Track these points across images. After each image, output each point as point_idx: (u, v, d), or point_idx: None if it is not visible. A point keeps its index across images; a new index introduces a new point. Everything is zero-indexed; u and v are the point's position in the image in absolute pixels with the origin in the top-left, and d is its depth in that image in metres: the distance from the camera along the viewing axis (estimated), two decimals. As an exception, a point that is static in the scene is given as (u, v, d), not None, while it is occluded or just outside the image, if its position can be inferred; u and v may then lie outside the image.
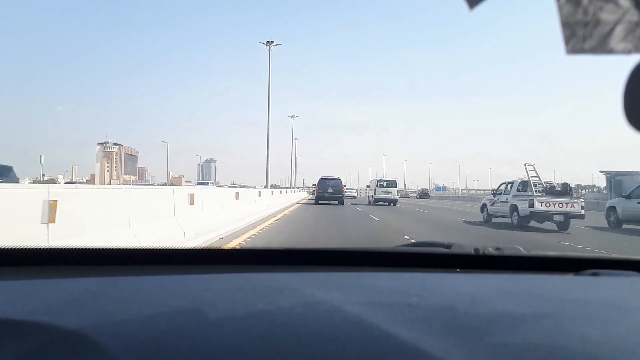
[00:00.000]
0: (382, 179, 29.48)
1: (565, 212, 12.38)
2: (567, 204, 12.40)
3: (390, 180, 29.17)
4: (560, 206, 12.39)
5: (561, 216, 12.36)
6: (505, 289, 0.84)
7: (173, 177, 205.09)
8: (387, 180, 29.19)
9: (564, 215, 12.36)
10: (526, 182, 13.46)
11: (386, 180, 29.19)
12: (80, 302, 0.68)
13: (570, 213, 12.41)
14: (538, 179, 13.38)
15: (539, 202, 12.36)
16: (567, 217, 12.40)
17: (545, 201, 12.39)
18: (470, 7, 0.56)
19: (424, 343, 0.54)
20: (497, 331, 0.61)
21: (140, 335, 0.56)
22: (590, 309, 0.73)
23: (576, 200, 12.59)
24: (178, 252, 1.01)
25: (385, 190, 28.07)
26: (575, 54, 0.57)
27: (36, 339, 0.55)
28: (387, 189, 28.23)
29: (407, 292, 0.78)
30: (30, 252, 0.89)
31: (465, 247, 1.07)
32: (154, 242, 5.34)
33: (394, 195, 28.13)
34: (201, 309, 0.66)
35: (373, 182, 30.36)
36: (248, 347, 0.54)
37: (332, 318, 0.63)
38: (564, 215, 12.37)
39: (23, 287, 0.75)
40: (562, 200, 12.48)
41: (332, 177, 26.84)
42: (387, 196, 27.96)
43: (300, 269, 0.95)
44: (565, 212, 12.39)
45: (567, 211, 12.39)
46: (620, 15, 0.55)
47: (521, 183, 13.79)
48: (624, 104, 0.57)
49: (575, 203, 12.47)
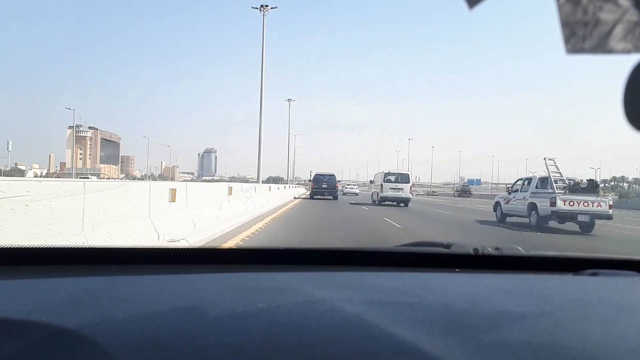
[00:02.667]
0: (390, 171, 22.02)
1: (591, 212, 11.04)
2: (593, 203, 11.06)
3: (401, 173, 22.17)
4: (585, 205, 11.04)
5: (587, 216, 11.01)
6: (505, 288, 0.83)
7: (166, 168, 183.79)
8: (397, 174, 21.90)
9: (590, 215, 11.03)
10: (546, 178, 12.04)
11: (395, 174, 21.86)
12: (80, 302, 0.68)
13: (597, 213, 11.08)
14: (559, 174, 11.88)
15: (562, 200, 11.08)
16: (593, 217, 11.09)
17: (569, 199, 11.08)
18: (470, 7, 0.56)
19: (423, 343, 0.54)
20: (496, 331, 0.61)
21: (140, 335, 0.56)
22: (589, 309, 0.72)
23: (603, 199, 11.30)
24: (178, 251, 1.01)
25: (394, 187, 21.14)
26: (575, 54, 0.56)
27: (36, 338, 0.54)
28: (396, 184, 21.22)
29: (407, 291, 0.78)
30: (30, 251, 0.89)
31: (465, 247, 1.06)
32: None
33: (405, 193, 21.23)
34: (201, 308, 0.66)
35: (379, 176, 22.95)
36: (248, 346, 0.54)
37: (332, 318, 0.63)
38: (590, 215, 11.04)
39: (23, 286, 0.75)
40: (588, 198, 11.12)
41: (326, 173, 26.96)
42: (397, 194, 21.17)
43: (300, 268, 0.95)
44: (592, 211, 11.05)
45: (594, 210, 11.05)
46: (620, 15, 0.54)
47: (540, 179, 12.38)
48: (624, 104, 0.56)
49: (602, 202, 11.15)
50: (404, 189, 21.27)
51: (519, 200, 12.81)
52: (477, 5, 0.55)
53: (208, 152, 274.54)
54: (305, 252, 1.04)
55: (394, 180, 21.48)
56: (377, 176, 23.94)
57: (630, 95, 0.56)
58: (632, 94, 0.56)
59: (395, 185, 21.26)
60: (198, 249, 1.10)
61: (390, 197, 21.29)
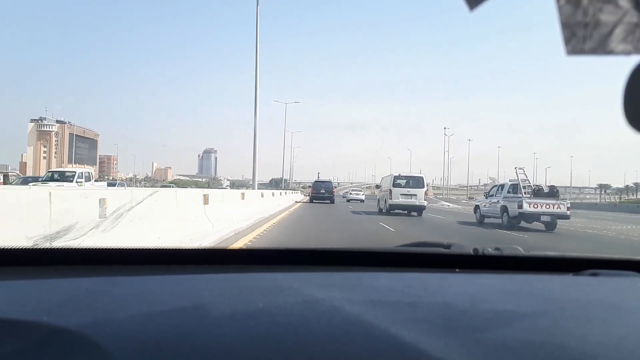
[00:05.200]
0: (400, 174, 18.16)
1: (552, 213, 13.03)
2: (553, 205, 13.05)
3: (413, 176, 18.37)
4: (547, 207, 13.01)
5: (548, 217, 13.00)
6: (505, 289, 0.83)
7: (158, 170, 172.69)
8: (408, 177, 18.12)
9: (550, 216, 13.01)
10: (516, 184, 14.05)
11: (406, 177, 18.06)
12: (81, 302, 0.67)
13: (557, 214, 13.06)
14: (527, 181, 14.16)
15: (527, 203, 12.96)
16: (554, 217, 13.05)
17: (533, 202, 13.07)
18: (471, 8, 0.55)
19: (423, 343, 0.53)
20: (496, 331, 0.60)
21: (141, 335, 0.56)
22: (589, 309, 0.72)
23: (562, 202, 13.26)
24: (178, 251, 1.00)
25: (405, 192, 17.37)
26: (575, 55, 0.57)
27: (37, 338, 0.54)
28: (407, 189, 17.46)
29: (407, 292, 0.77)
30: (30, 252, 0.88)
31: (465, 247, 1.06)
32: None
33: (418, 200, 17.39)
34: (201, 308, 0.65)
35: (386, 179, 19.31)
36: (248, 346, 0.53)
37: (332, 318, 0.62)
38: (551, 216, 13.02)
39: (23, 286, 0.74)
40: (550, 201, 13.12)
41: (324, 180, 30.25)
42: (409, 201, 17.34)
43: (300, 268, 0.94)
44: (553, 213, 13.03)
45: (554, 212, 13.04)
46: (620, 16, 0.54)
47: (512, 185, 14.40)
48: (624, 104, 0.57)
49: (561, 204, 13.14)
50: (417, 194, 17.40)
51: (493, 204, 14.72)
52: (478, 7, 0.55)
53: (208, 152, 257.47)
54: (305, 252, 1.03)
55: (404, 185, 17.61)
56: (384, 180, 20.10)
57: (630, 96, 0.56)
58: (632, 95, 0.56)
59: (406, 191, 17.43)
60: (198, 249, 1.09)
61: (401, 205, 17.49)
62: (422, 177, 18.44)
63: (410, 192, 17.41)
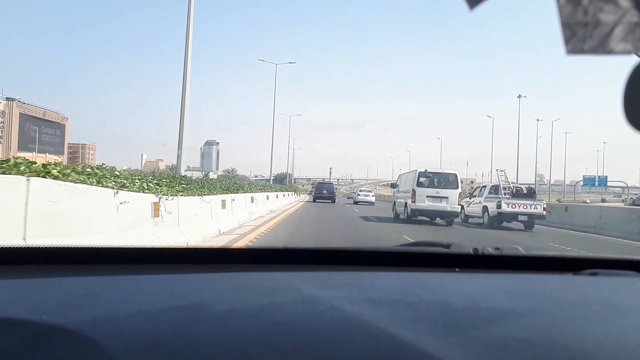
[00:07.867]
0: (427, 170, 13.62)
1: (529, 213, 13.40)
2: (530, 206, 13.47)
3: (445, 173, 13.78)
4: (524, 207, 13.41)
5: (525, 216, 13.39)
6: (505, 288, 0.82)
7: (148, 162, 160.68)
8: (438, 174, 13.69)
9: (527, 216, 13.40)
10: (497, 185, 14.75)
11: (435, 173, 13.67)
12: (81, 301, 0.67)
13: (534, 214, 13.46)
14: (507, 183, 14.85)
15: (506, 203, 13.36)
16: (531, 217, 13.47)
17: (511, 203, 13.49)
18: (471, 7, 0.54)
19: (423, 342, 0.53)
20: (496, 330, 0.60)
21: (140, 334, 0.55)
22: (589, 309, 0.72)
23: (539, 202, 13.96)
24: (178, 251, 0.99)
25: (433, 194, 13.08)
26: (575, 54, 0.56)
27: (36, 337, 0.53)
28: (437, 190, 13.19)
29: (407, 291, 0.77)
30: (30, 251, 0.87)
31: (464, 246, 1.06)
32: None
33: (451, 205, 13.12)
34: (201, 308, 0.65)
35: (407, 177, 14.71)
36: (248, 346, 0.52)
37: (331, 317, 0.62)
38: (528, 216, 13.41)
39: (23, 285, 0.73)
40: (526, 202, 13.63)
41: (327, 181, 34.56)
42: (438, 206, 13.06)
43: (300, 268, 0.93)
44: (530, 212, 13.41)
45: (531, 212, 13.42)
46: (620, 16, 0.54)
47: (493, 187, 15.03)
48: (624, 104, 0.57)
49: (537, 205, 13.64)
50: (449, 197, 13.07)
51: (476, 204, 15.17)
52: (478, 6, 0.54)
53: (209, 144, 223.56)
54: (305, 251, 1.02)
55: (431, 185, 13.31)
56: (404, 177, 15.40)
57: (630, 95, 0.56)
58: (632, 95, 0.56)
59: (434, 192, 13.11)
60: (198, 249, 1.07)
61: (428, 211, 13.17)
62: (456, 173, 13.80)
63: (440, 194, 13.07)
